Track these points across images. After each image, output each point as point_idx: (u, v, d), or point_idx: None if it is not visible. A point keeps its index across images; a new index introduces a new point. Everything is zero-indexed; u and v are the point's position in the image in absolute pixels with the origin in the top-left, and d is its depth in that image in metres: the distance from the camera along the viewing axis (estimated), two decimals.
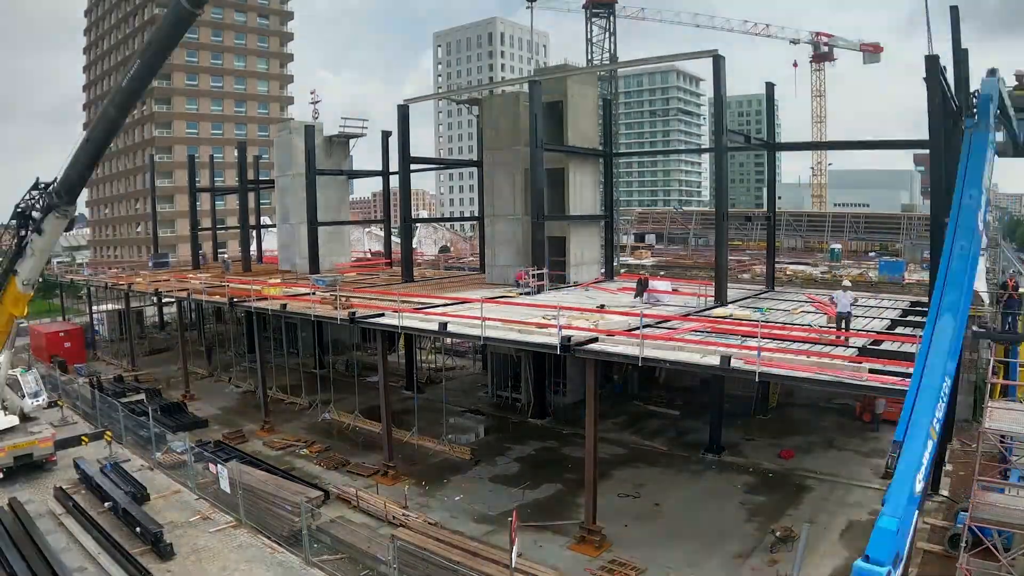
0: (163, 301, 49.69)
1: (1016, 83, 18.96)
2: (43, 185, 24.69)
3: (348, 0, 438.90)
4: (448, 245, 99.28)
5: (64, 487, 24.10)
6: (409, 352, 36.81)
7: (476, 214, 41.60)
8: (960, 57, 21.88)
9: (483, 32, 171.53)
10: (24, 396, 27.30)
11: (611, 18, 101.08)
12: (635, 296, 27.33)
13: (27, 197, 24.75)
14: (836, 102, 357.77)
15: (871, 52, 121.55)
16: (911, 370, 13.46)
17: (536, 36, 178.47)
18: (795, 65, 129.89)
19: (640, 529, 20.61)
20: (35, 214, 24.68)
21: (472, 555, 18.13)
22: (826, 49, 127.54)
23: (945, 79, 18.00)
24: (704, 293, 27.80)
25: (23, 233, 24.94)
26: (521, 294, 29.12)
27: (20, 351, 40.85)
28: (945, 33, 20.98)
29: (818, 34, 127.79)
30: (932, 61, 14.88)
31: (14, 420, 26.02)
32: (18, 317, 26.38)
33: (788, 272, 44.72)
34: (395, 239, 52.79)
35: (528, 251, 31.79)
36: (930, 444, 10.65)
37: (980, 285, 31.53)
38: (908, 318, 23.59)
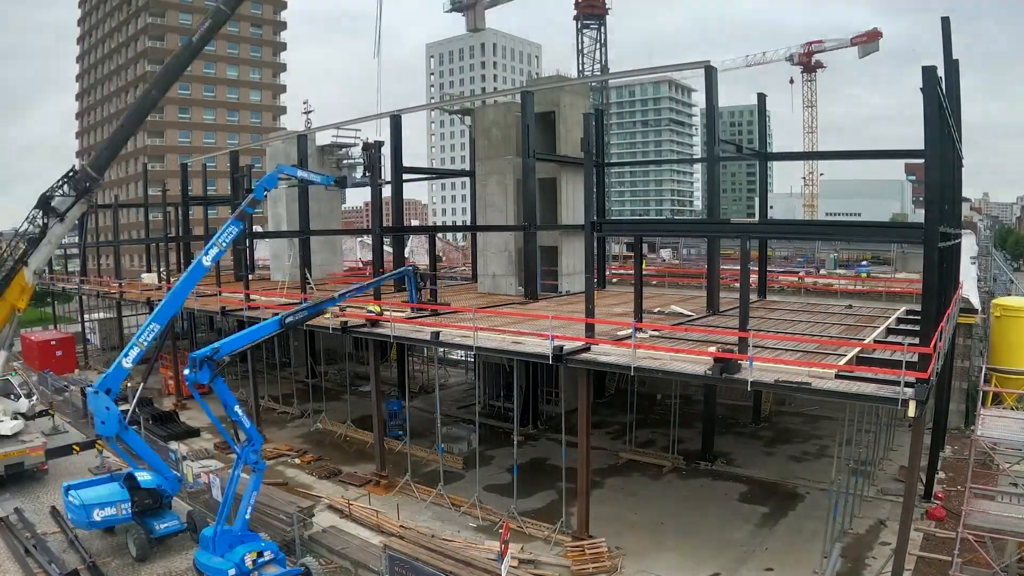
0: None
1: None
2: (73, 172, 26.35)
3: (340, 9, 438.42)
4: (440, 255, 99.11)
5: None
6: (401, 362, 36.68)
7: (468, 223, 41.51)
8: (951, 67, 22.12)
9: (475, 43, 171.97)
10: (20, 397, 27.05)
11: (601, 29, 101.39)
12: None
13: (56, 184, 26.14)
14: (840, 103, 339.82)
15: (866, 42, 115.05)
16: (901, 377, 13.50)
17: (528, 47, 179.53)
18: (791, 82, 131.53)
19: (632, 538, 20.56)
20: (55, 202, 26.15)
21: (465, 564, 18.08)
22: (816, 56, 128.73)
23: (941, 89, 18.12)
24: None
25: (45, 221, 25.99)
26: None
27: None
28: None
29: (808, 44, 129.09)
30: (929, 72, 14.97)
31: (19, 425, 25.87)
32: (19, 311, 26.48)
33: (780, 281, 44.93)
34: (387, 248, 52.61)
35: (520, 261, 31.77)
36: None
37: (972, 294, 31.69)
38: (902, 327, 23.62)
